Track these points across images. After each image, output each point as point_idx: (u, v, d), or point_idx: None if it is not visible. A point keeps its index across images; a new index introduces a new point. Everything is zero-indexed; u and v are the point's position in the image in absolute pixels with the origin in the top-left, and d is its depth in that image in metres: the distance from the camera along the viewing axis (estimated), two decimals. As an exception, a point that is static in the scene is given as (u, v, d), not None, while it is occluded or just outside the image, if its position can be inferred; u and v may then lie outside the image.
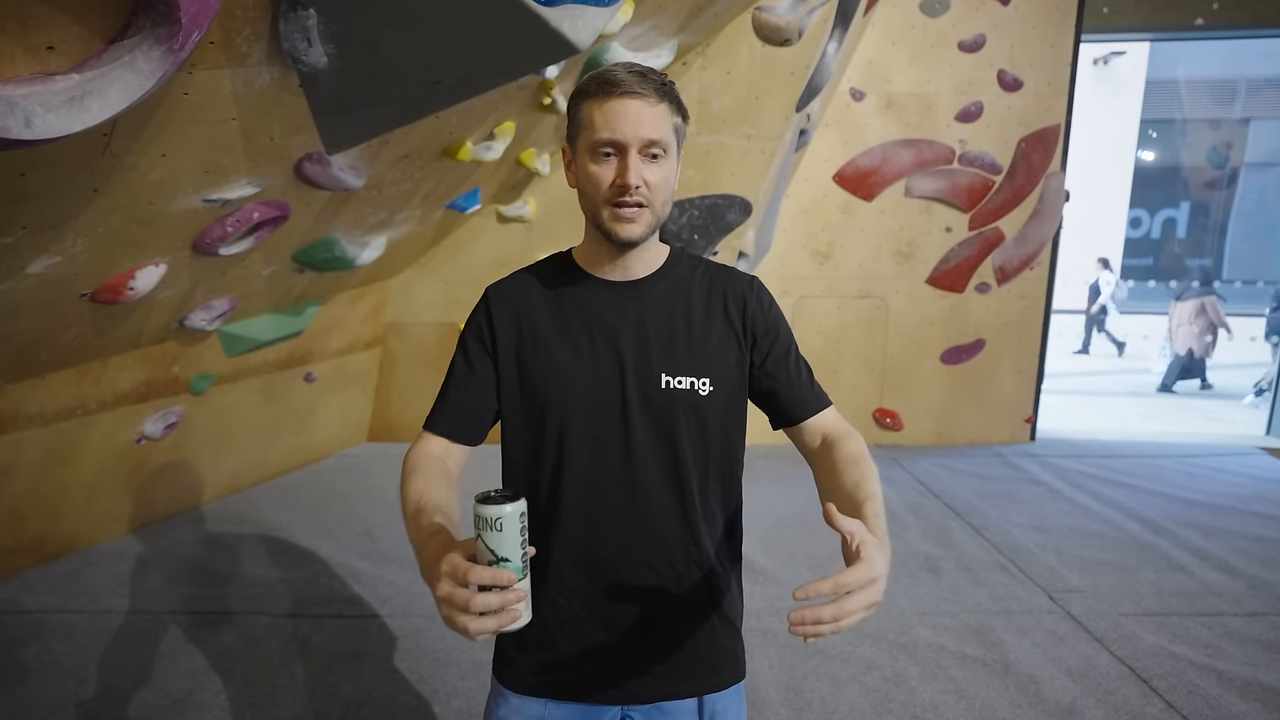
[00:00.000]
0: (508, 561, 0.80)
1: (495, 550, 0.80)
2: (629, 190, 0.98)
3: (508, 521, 0.80)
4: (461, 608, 0.78)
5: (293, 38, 1.76)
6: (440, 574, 0.80)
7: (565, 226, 4.66)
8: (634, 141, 0.98)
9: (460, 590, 0.78)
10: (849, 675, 2.50)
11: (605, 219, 1.01)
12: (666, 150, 1.01)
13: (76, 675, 2.43)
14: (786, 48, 3.95)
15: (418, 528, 0.96)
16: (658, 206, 1.02)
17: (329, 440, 4.85)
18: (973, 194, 5.26)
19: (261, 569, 3.23)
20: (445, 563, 0.81)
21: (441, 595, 0.79)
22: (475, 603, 0.78)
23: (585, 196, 1.04)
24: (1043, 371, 5.57)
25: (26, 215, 1.83)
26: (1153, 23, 5.57)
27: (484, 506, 0.80)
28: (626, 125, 0.97)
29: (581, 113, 1.02)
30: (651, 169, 1.00)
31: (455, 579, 0.79)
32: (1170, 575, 3.27)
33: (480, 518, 0.80)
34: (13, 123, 1.29)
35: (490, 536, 0.80)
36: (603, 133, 0.98)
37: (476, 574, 0.79)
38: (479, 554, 0.81)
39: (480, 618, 0.79)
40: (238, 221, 2.54)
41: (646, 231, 1.03)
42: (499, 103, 3.10)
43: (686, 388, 1.06)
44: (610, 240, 1.03)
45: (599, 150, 0.99)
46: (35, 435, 2.87)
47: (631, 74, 0.99)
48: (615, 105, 0.98)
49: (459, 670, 2.50)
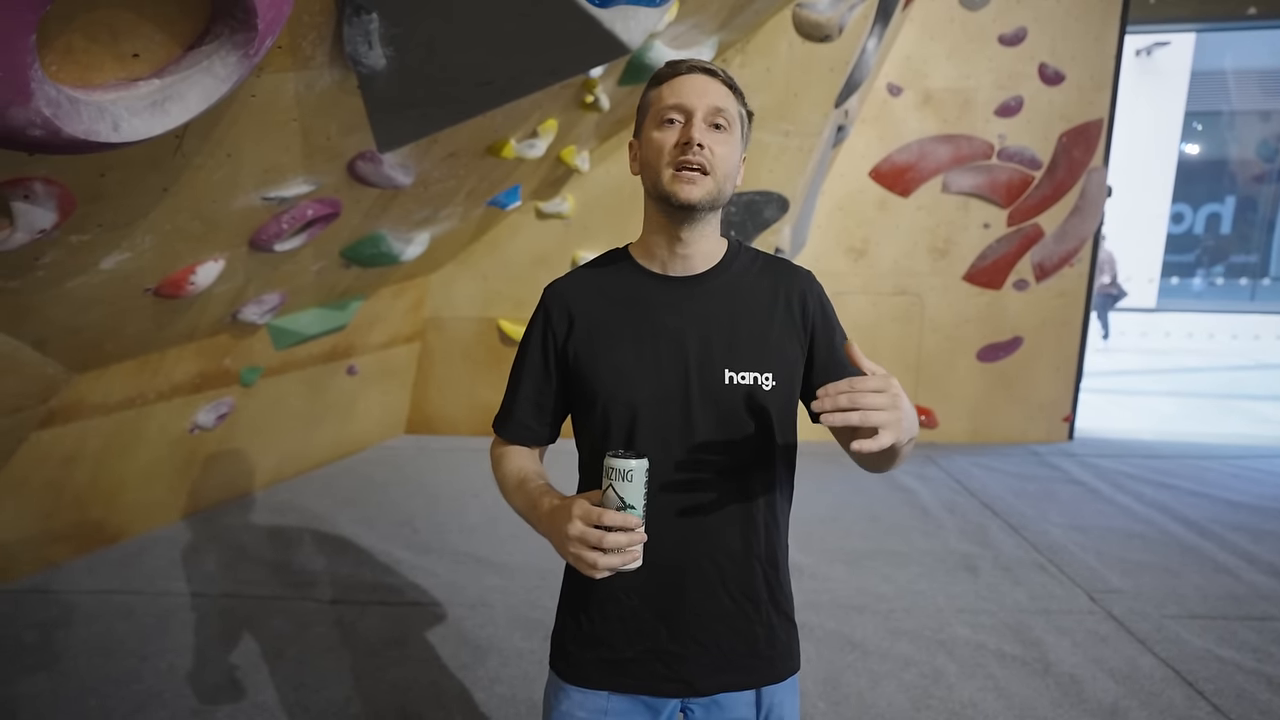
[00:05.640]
0: (634, 509, 0.91)
1: (624, 498, 0.90)
2: (691, 147, 0.99)
3: (637, 474, 0.90)
4: (593, 545, 0.89)
5: (355, 41, 1.82)
6: (571, 515, 0.91)
7: (603, 223, 4.70)
8: (699, 107, 1.01)
9: (592, 530, 0.89)
10: (887, 671, 2.51)
11: (666, 181, 1.01)
12: (730, 124, 1.04)
13: (138, 654, 2.53)
14: (826, 44, 3.94)
15: (525, 492, 1.08)
16: (720, 177, 1.03)
17: (369, 432, 4.96)
18: (1011, 190, 5.19)
19: (307, 556, 3.33)
20: (577, 506, 0.92)
21: (574, 534, 0.90)
22: (608, 540, 0.89)
23: (648, 167, 1.04)
24: (1081, 370, 5.48)
25: (102, 214, 1.92)
26: (1202, 12, 5.45)
27: (617, 459, 0.91)
28: (693, 93, 1.02)
29: (650, 96, 1.06)
30: (715, 136, 1.02)
31: (587, 520, 0.90)
32: (1216, 578, 3.22)
33: (613, 469, 0.91)
34: (102, 126, 1.36)
35: (620, 485, 0.90)
36: (669, 100, 1.03)
37: (610, 516, 0.89)
38: (607, 501, 0.91)
39: (607, 555, 0.89)
40: (292, 219, 2.62)
41: (706, 198, 1.02)
42: (543, 101, 3.14)
43: (750, 383, 1.06)
44: (670, 204, 1.02)
45: (664, 117, 1.03)
46: (98, 424, 2.99)
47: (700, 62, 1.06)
48: (683, 79, 1.04)
49: (501, 658, 2.55)
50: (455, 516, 3.83)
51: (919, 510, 4.02)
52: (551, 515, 0.97)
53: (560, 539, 0.93)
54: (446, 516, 3.83)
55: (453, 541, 3.51)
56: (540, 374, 1.13)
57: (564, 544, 0.92)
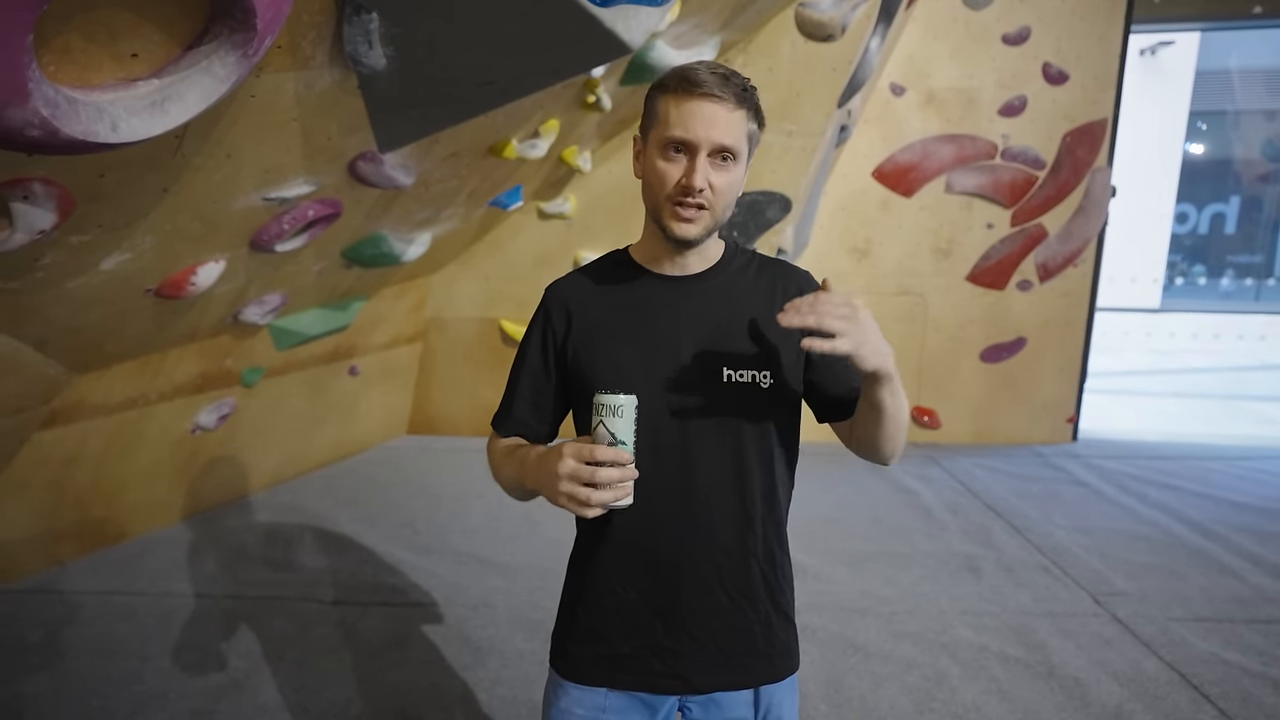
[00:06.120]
0: (624, 444, 0.92)
1: (615, 433, 0.91)
2: (692, 192, 0.99)
3: (626, 409, 0.92)
4: (585, 480, 0.90)
5: (355, 40, 1.81)
6: (563, 454, 0.92)
7: (605, 223, 4.69)
8: (705, 144, 0.98)
9: (583, 466, 0.90)
10: (889, 673, 2.50)
11: (665, 215, 1.03)
12: (736, 157, 1.02)
13: (140, 654, 2.53)
14: (829, 44, 3.93)
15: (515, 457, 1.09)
16: (719, 210, 1.03)
17: (371, 433, 4.96)
18: (1015, 190, 5.17)
19: (308, 557, 3.32)
20: (568, 446, 0.93)
21: (565, 471, 0.91)
22: (600, 475, 0.90)
23: (649, 190, 1.05)
24: (1085, 370, 5.46)
25: (102, 214, 1.91)
26: (1207, 12, 5.43)
27: (607, 395, 0.92)
28: (700, 126, 0.98)
29: (658, 106, 1.02)
30: (719, 173, 1.01)
31: (579, 457, 0.91)
32: (1222, 580, 3.20)
33: (602, 405, 0.91)
34: (101, 127, 1.36)
35: (611, 421, 0.91)
36: (675, 130, 0.99)
37: (601, 451, 0.90)
38: (597, 437, 0.92)
39: (599, 491, 0.90)
40: (293, 219, 2.62)
41: (703, 234, 1.04)
42: (545, 101, 3.13)
43: (748, 381, 1.06)
44: (667, 237, 1.05)
45: (669, 147, 1.00)
46: (99, 425, 2.99)
47: (714, 75, 0.98)
48: (692, 105, 0.98)
49: (502, 660, 2.55)
50: (457, 517, 3.83)
51: (922, 511, 4.00)
52: (541, 459, 0.98)
53: (551, 481, 0.93)
54: (448, 517, 3.82)
55: (454, 542, 3.51)
56: (539, 373, 1.14)
57: (555, 485, 0.92)
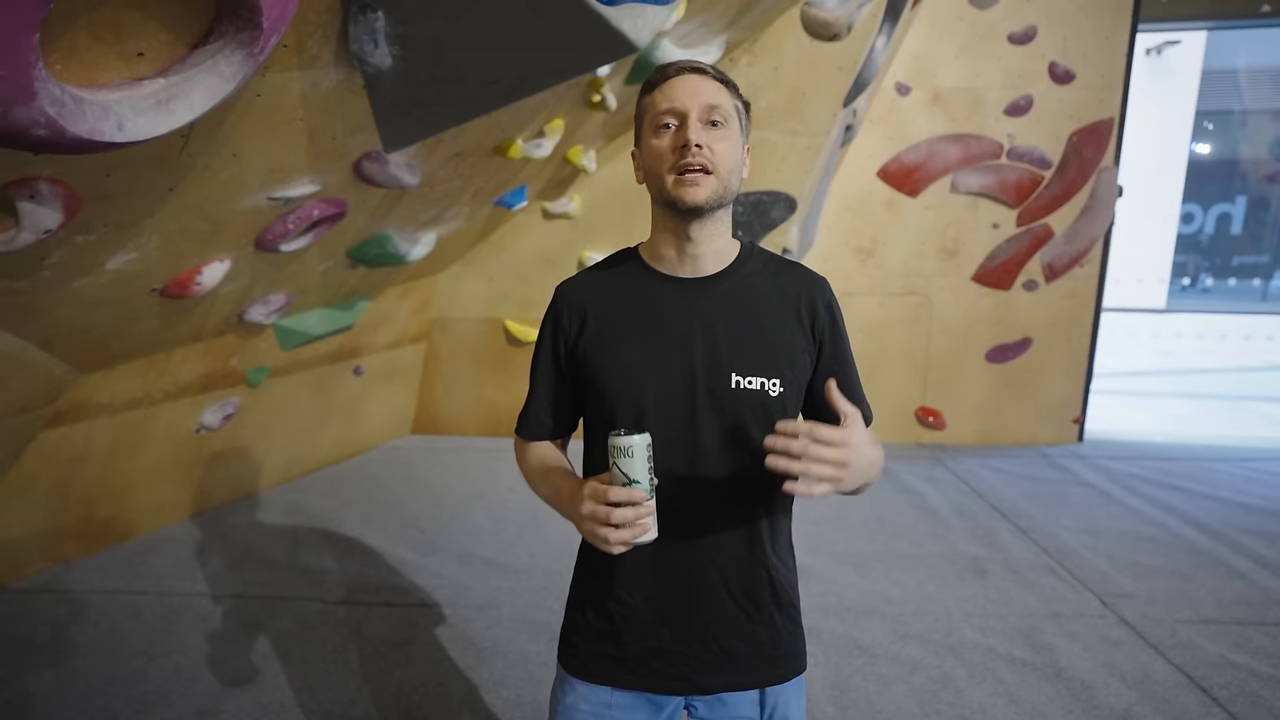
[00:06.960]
0: (638, 483, 0.94)
1: (627, 474, 0.94)
2: (689, 148, 0.99)
3: (637, 449, 0.93)
4: (602, 521, 0.93)
5: (360, 40, 1.81)
6: (583, 496, 0.96)
7: (610, 223, 4.68)
8: (693, 107, 1.00)
9: (600, 507, 0.94)
10: (895, 675, 2.49)
11: (670, 186, 1.01)
12: (727, 119, 1.02)
13: (145, 653, 2.53)
14: (834, 43, 3.92)
15: (549, 481, 1.13)
16: (723, 174, 1.02)
17: (375, 432, 4.96)
18: (1021, 189, 5.15)
19: (313, 557, 3.32)
20: (586, 487, 0.97)
21: (585, 513, 0.95)
22: (614, 515, 0.93)
23: (651, 175, 1.04)
24: (1092, 371, 5.44)
25: (108, 214, 1.91)
26: (1214, 11, 5.40)
27: (618, 438, 0.94)
28: (684, 95, 1.01)
29: (644, 103, 1.05)
30: (713, 134, 1.01)
31: (596, 499, 0.95)
32: (1230, 582, 3.18)
33: (615, 447, 0.94)
34: (107, 126, 1.36)
35: (623, 462, 0.94)
36: (662, 106, 1.02)
37: (614, 493, 0.94)
38: (613, 479, 0.95)
39: (617, 530, 0.93)
40: (298, 219, 2.62)
41: (712, 197, 1.01)
42: (550, 101, 3.13)
43: (757, 388, 1.05)
44: (676, 209, 1.02)
45: (660, 123, 1.02)
46: (105, 424, 3.00)
47: (689, 61, 1.04)
48: (673, 82, 1.03)
49: (506, 660, 2.54)
50: (461, 517, 3.82)
51: (927, 513, 3.99)
52: (571, 497, 1.03)
53: (577, 520, 0.99)
54: (453, 517, 3.82)
55: (459, 542, 3.51)
56: (553, 375, 1.16)
57: (580, 525, 0.98)
